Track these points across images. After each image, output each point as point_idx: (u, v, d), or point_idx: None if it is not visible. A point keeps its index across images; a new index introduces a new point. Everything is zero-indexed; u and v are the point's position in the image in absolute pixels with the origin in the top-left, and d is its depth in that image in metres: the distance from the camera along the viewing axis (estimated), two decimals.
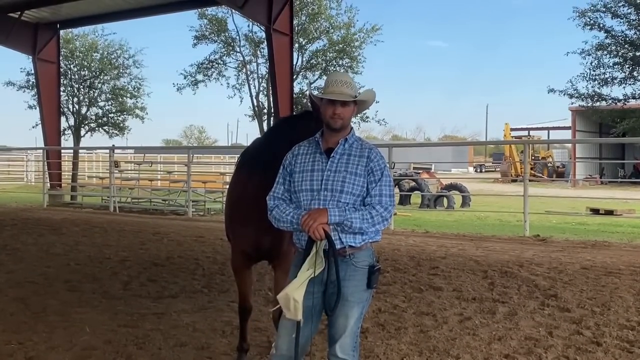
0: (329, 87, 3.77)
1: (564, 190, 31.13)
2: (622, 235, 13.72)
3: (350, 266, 3.70)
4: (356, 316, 3.73)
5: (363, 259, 3.74)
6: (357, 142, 3.84)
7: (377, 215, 3.65)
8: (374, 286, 3.80)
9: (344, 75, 3.84)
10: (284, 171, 3.88)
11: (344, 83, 3.75)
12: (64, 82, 25.69)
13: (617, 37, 23.23)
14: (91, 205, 20.03)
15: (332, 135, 3.80)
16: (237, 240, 5.13)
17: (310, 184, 3.74)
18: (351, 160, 3.75)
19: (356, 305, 3.72)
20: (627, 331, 6.02)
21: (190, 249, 10.96)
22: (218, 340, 5.91)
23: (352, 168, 3.72)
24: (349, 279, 3.69)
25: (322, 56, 27.31)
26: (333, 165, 3.74)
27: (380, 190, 3.70)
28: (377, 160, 3.76)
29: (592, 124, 42.17)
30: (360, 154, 3.77)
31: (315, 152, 3.83)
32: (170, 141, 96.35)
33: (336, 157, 3.76)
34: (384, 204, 3.69)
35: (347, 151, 3.78)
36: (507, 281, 8.17)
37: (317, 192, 3.71)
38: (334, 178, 3.70)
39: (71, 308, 7.03)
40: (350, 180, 3.69)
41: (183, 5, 19.47)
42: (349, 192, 3.68)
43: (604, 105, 25.38)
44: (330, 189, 3.69)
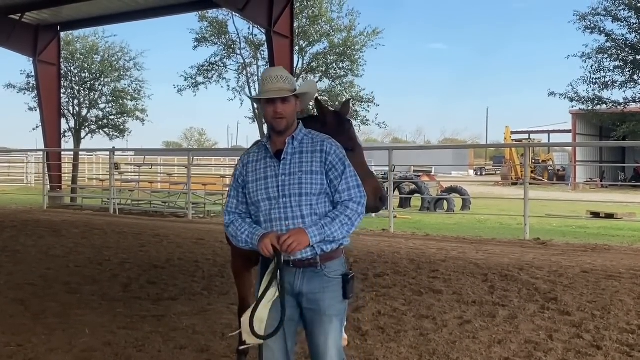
0: (264, 85, 3.48)
1: (564, 194, 31.11)
2: (622, 238, 13.70)
3: (324, 277, 3.45)
4: (337, 330, 3.51)
5: (335, 268, 3.48)
6: (307, 136, 3.54)
7: (354, 214, 3.42)
8: (350, 296, 3.53)
9: (278, 70, 3.57)
10: (236, 183, 3.61)
11: (279, 78, 3.47)
12: (64, 84, 25.73)
13: (617, 41, 23.27)
14: (91, 207, 20.02)
15: (279, 136, 3.50)
16: None
17: (267, 192, 3.45)
18: (304, 158, 3.45)
19: (335, 318, 3.48)
20: (628, 335, 6.01)
21: (190, 251, 10.95)
22: (218, 343, 5.90)
23: (307, 167, 3.43)
24: (324, 291, 3.45)
25: (322, 59, 27.35)
26: (286, 168, 3.44)
27: (347, 184, 3.44)
28: (334, 153, 3.47)
29: (593, 127, 42.16)
30: (312, 149, 3.47)
31: (265, 157, 3.53)
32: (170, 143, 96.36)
33: (287, 159, 3.46)
34: (355, 198, 3.44)
35: (297, 149, 3.48)
36: (507, 284, 8.15)
37: (275, 200, 3.42)
38: (290, 181, 3.41)
39: (71, 310, 7.02)
40: (307, 180, 3.41)
41: (184, 7, 19.49)
42: (308, 194, 3.40)
43: (605, 109, 25.41)
44: (289, 194, 3.40)
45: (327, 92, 27.75)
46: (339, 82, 27.78)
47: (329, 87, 27.89)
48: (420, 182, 24.54)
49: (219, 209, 18.74)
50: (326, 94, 27.74)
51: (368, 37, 26.95)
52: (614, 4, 23.15)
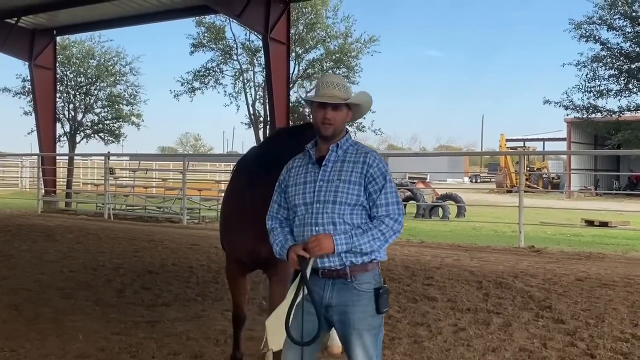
0: (319, 89, 3.48)
1: (558, 202, 31.17)
2: (616, 247, 13.73)
3: (353, 290, 3.38)
4: (368, 345, 3.40)
5: (367, 280, 3.41)
6: (353, 147, 3.52)
7: (388, 230, 3.36)
8: (384, 311, 3.43)
9: (335, 77, 3.59)
10: (279, 187, 3.63)
11: (335, 85, 3.48)
12: (60, 89, 25.67)
13: (612, 50, 23.34)
14: (85, 212, 19.97)
15: (325, 142, 3.50)
16: (232, 249, 5.11)
17: (304, 196, 3.44)
18: (345, 167, 3.43)
19: (366, 333, 3.38)
20: (621, 343, 6.02)
21: (185, 257, 10.94)
22: (212, 349, 5.89)
23: (346, 176, 3.39)
24: (354, 304, 3.38)
25: (318, 65, 27.39)
26: (325, 175, 3.43)
27: (386, 199, 3.39)
28: (377, 166, 3.41)
29: (587, 135, 42.25)
30: (355, 159, 3.44)
31: (307, 163, 3.54)
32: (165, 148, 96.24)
33: (329, 166, 3.45)
34: (392, 214, 3.38)
35: (340, 158, 3.47)
36: (501, 292, 8.16)
37: (310, 205, 3.41)
38: (327, 188, 3.40)
39: (64, 315, 7.00)
40: (344, 190, 3.37)
41: (181, 13, 19.48)
42: (342, 203, 3.36)
43: (599, 117, 25.46)
44: (323, 200, 3.38)
45: None
46: None
47: None
48: (416, 189, 24.55)
49: (214, 215, 18.72)
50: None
51: (364, 44, 27.01)
52: (609, 12, 23.24)
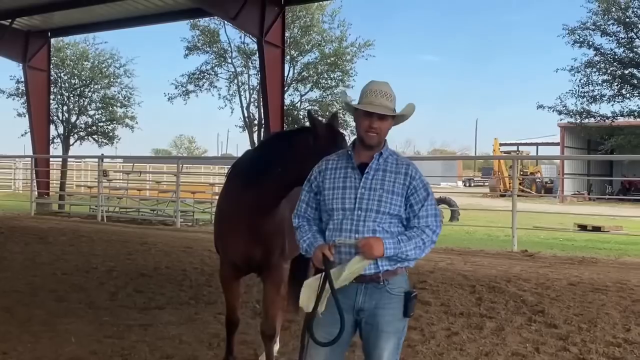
0: (366, 97, 3.41)
1: (552, 206, 31.24)
2: (609, 251, 13.79)
3: (385, 293, 3.40)
4: (392, 348, 3.43)
5: (398, 285, 3.43)
6: (392, 156, 3.50)
7: (428, 240, 3.39)
8: (411, 314, 3.48)
9: (384, 85, 3.46)
10: (309, 187, 3.58)
11: (383, 94, 3.40)
12: (54, 91, 25.59)
13: (606, 55, 23.43)
14: (79, 214, 19.91)
15: (366, 149, 3.46)
16: (226, 253, 5.10)
17: (342, 201, 3.40)
18: (387, 177, 3.41)
19: (392, 336, 3.42)
20: (614, 348, 6.03)
21: (178, 260, 10.92)
22: (205, 353, 5.88)
23: (389, 186, 3.39)
24: (384, 307, 3.39)
25: (313, 69, 27.39)
26: (367, 182, 3.40)
27: (427, 211, 3.41)
28: (419, 178, 3.44)
29: (581, 140, 42.38)
30: (396, 170, 3.43)
31: (346, 167, 3.48)
32: (159, 151, 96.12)
33: (370, 174, 3.42)
34: (432, 226, 3.41)
35: (381, 167, 3.44)
36: (494, 296, 8.18)
37: (349, 211, 3.38)
38: (369, 196, 3.37)
39: (57, 318, 6.98)
40: (387, 200, 3.36)
41: (175, 15, 19.46)
42: (385, 212, 3.36)
43: (593, 122, 25.55)
44: (365, 209, 3.36)
45: (317, 102, 27.79)
46: (329, 93, 27.81)
47: (320, 97, 27.93)
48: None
49: (208, 217, 18.70)
50: (317, 104, 27.78)
51: (359, 48, 27.02)
52: (603, 18, 23.33)
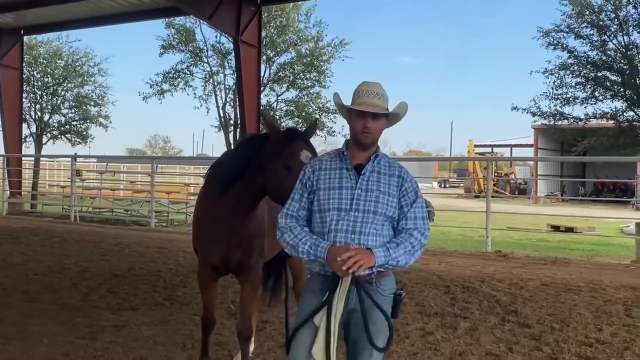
0: (359, 97, 3.43)
1: (525, 207, 31.54)
2: (581, 252, 13.97)
3: (377, 294, 3.40)
4: (382, 349, 3.44)
5: (389, 286, 3.47)
6: (384, 159, 3.54)
7: (417, 243, 3.40)
8: (398, 316, 3.53)
9: (376, 86, 3.49)
10: (302, 187, 3.53)
11: (376, 94, 3.42)
12: (26, 89, 25.32)
13: (579, 58, 23.67)
14: (51, 215, 19.70)
15: (360, 150, 3.48)
16: (205, 254, 5.07)
17: (339, 202, 3.39)
18: (382, 179, 3.44)
19: (382, 335, 3.42)
20: (586, 348, 6.10)
21: (152, 261, 10.84)
22: (179, 354, 5.84)
23: (385, 187, 3.42)
24: (374, 308, 3.39)
25: (289, 69, 27.36)
26: (364, 184, 3.41)
27: (414, 214, 3.44)
28: (410, 181, 3.49)
29: (554, 142, 42.84)
30: (390, 172, 3.48)
31: (341, 168, 3.48)
32: (134, 150, 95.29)
33: (367, 175, 3.44)
34: (420, 228, 3.43)
35: (376, 169, 3.47)
36: (468, 296, 8.23)
37: (345, 212, 3.37)
38: (366, 198, 3.39)
39: (28, 319, 6.89)
40: (384, 201, 3.39)
41: (150, 14, 19.31)
42: (382, 214, 3.38)
43: (566, 124, 25.81)
44: (362, 210, 3.37)
45: (293, 102, 27.78)
46: (305, 93, 27.82)
47: (296, 97, 27.92)
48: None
49: (183, 218, 18.61)
50: (293, 104, 27.77)
51: (335, 48, 27.05)
52: (577, 21, 23.58)
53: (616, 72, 22.85)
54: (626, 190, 40.28)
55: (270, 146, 4.43)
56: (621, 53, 22.60)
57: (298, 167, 4.14)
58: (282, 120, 27.90)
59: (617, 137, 24.42)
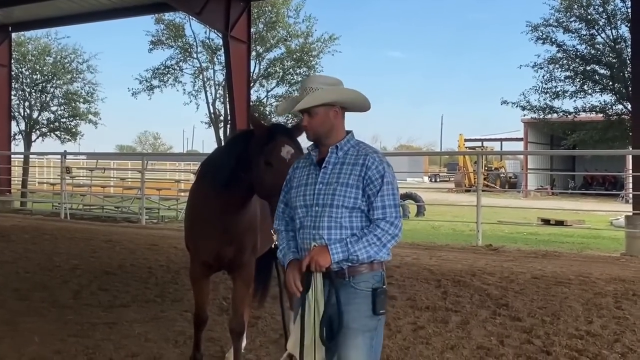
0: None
1: (516, 201, 31.67)
2: (572, 245, 14.03)
3: (350, 289, 3.29)
4: (363, 347, 3.29)
5: (364, 280, 3.30)
6: (354, 148, 3.42)
7: (385, 235, 3.26)
8: (381, 312, 3.33)
9: (307, 81, 3.48)
10: (286, 187, 3.58)
11: (307, 90, 3.38)
12: (15, 86, 25.20)
13: (568, 52, 23.75)
14: (41, 212, 19.61)
15: (322, 145, 3.43)
16: (198, 252, 5.05)
17: (304, 199, 3.39)
18: (344, 169, 3.34)
19: (361, 334, 3.27)
20: (576, 340, 6.13)
21: (143, 257, 10.81)
22: (170, 351, 5.84)
23: (344, 178, 3.31)
24: (349, 303, 3.28)
25: (279, 64, 27.33)
26: (325, 177, 3.36)
27: (382, 202, 3.28)
28: (375, 168, 3.31)
29: (544, 135, 42.98)
30: (354, 161, 3.35)
31: (309, 165, 3.47)
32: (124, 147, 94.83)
33: (328, 168, 3.37)
34: (389, 217, 3.28)
35: (340, 160, 3.38)
36: (459, 290, 8.25)
37: (309, 208, 3.35)
38: (325, 191, 3.32)
39: (19, 317, 6.86)
40: (341, 193, 3.29)
41: (140, 10, 19.28)
42: (339, 206, 3.28)
43: (555, 118, 25.90)
44: (322, 204, 3.31)
45: (283, 97, 27.73)
46: (296, 88, 27.77)
47: (286, 93, 27.89)
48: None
49: (173, 214, 18.57)
50: (283, 100, 27.73)
51: (325, 43, 27.03)
52: (565, 15, 23.64)
53: (605, 65, 22.93)
54: (615, 183, 40.45)
55: (254, 142, 4.42)
56: (610, 47, 22.68)
57: (278, 163, 4.18)
58: (272, 116, 27.87)
59: (606, 130, 24.52)
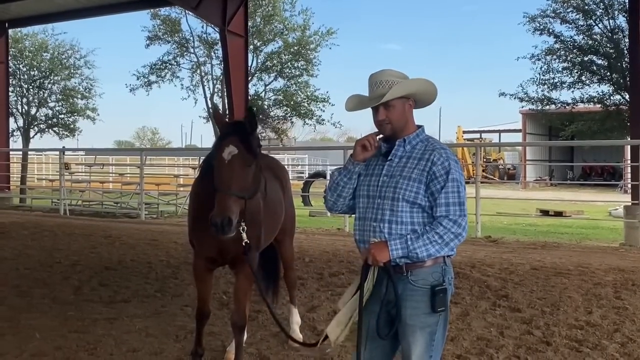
0: (368, 93, 3.39)
1: (514, 192, 31.68)
2: (571, 236, 14.05)
3: (408, 285, 3.26)
4: (422, 344, 3.27)
5: (423, 277, 3.26)
6: (422, 142, 3.37)
7: (447, 233, 3.20)
8: (440, 309, 3.27)
9: (379, 75, 3.36)
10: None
11: (379, 84, 3.31)
12: (12, 82, 25.14)
13: (566, 43, 23.72)
14: (41, 208, 19.61)
15: (391, 138, 3.39)
16: (202, 247, 5.05)
17: (368, 189, 3.37)
18: (409, 163, 3.30)
19: (419, 331, 3.26)
20: (576, 330, 6.15)
21: (143, 253, 10.82)
22: (171, 345, 5.85)
23: (408, 172, 3.27)
24: (407, 299, 3.25)
25: (277, 58, 27.31)
26: (390, 170, 3.33)
27: (446, 199, 3.22)
28: (441, 163, 3.24)
29: (542, 127, 42.96)
30: (421, 156, 3.30)
31: (378, 156, 3.42)
32: (122, 143, 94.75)
33: (394, 161, 3.35)
34: (452, 215, 3.21)
35: (407, 154, 3.34)
36: (459, 282, 8.25)
37: (372, 199, 3.33)
38: (388, 184, 3.29)
39: (20, 314, 6.87)
40: (402, 186, 3.25)
41: (136, 5, 19.24)
42: (400, 199, 3.24)
43: (554, 109, 25.89)
44: (384, 196, 3.29)
45: (282, 91, 27.73)
46: (294, 82, 27.79)
47: (284, 86, 27.89)
48: None
49: (172, 209, 18.57)
50: (281, 94, 27.72)
51: (322, 37, 27.01)
52: (562, 6, 23.59)
53: (602, 56, 22.90)
54: (614, 174, 40.47)
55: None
56: (607, 37, 22.64)
57: (217, 164, 4.24)
58: (271, 109, 27.88)
59: (605, 121, 24.52)
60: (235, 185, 4.19)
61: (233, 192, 4.16)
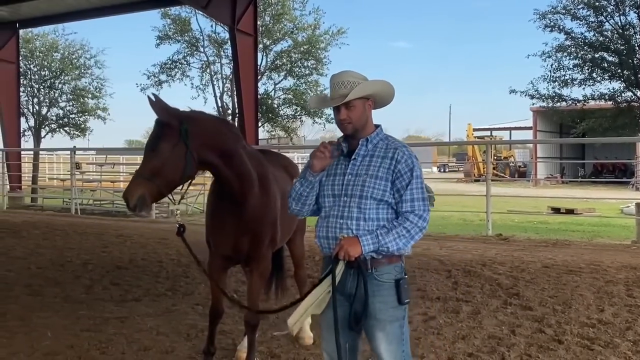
0: (330, 93, 3.52)
1: (525, 190, 31.53)
2: (582, 233, 14.00)
3: (373, 281, 3.38)
4: (392, 337, 3.43)
5: (387, 271, 3.40)
6: (383, 141, 3.50)
7: (413, 227, 3.35)
8: (406, 301, 3.44)
9: (341, 75, 3.48)
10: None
11: (340, 85, 3.42)
12: (23, 83, 25.33)
13: (576, 39, 23.63)
14: (52, 208, 19.72)
15: (352, 138, 3.50)
16: (218, 246, 5.05)
17: (332, 188, 3.48)
18: (373, 161, 3.43)
19: (389, 325, 3.41)
20: (588, 329, 6.12)
21: (154, 252, 10.85)
22: (182, 344, 5.87)
23: (374, 170, 3.40)
24: (374, 294, 3.38)
25: (286, 57, 27.32)
26: (354, 169, 3.44)
27: (411, 195, 3.37)
28: (404, 162, 3.39)
29: (553, 124, 42.77)
30: (384, 154, 3.43)
31: (340, 156, 3.52)
32: (133, 142, 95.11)
33: (358, 160, 3.46)
34: (417, 210, 3.37)
35: (370, 152, 3.47)
36: (470, 280, 8.25)
37: (337, 198, 3.44)
38: (354, 182, 3.41)
39: (32, 313, 6.91)
40: (370, 184, 3.37)
41: (145, 4, 19.27)
42: (368, 197, 3.37)
43: (564, 106, 25.81)
44: (350, 194, 3.40)
45: (291, 90, 27.74)
46: (303, 81, 27.80)
47: (294, 85, 27.89)
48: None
49: (183, 208, 18.60)
50: (291, 93, 27.74)
51: (332, 36, 27.00)
52: (573, 2, 23.50)
53: (613, 52, 22.82)
54: (625, 171, 40.31)
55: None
56: (618, 33, 22.55)
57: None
58: (280, 109, 27.90)
59: (616, 118, 24.42)
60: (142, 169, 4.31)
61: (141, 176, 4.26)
